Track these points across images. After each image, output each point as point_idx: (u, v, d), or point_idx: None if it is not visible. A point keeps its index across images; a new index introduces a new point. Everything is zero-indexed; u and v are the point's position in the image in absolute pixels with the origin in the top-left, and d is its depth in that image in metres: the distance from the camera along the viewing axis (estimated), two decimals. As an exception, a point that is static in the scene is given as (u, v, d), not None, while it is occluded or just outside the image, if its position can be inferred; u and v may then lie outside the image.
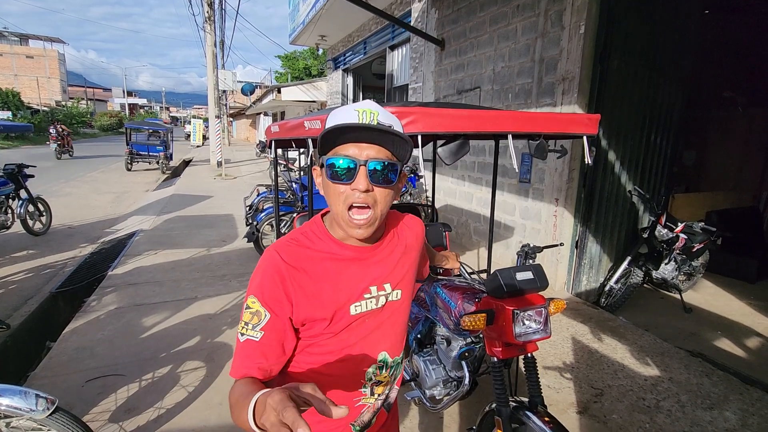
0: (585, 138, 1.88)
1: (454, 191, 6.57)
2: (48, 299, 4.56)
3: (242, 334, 0.86)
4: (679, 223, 4.53)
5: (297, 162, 8.89)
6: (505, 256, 5.38)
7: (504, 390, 1.72)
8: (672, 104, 5.06)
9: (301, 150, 4.38)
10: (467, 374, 2.02)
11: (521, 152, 5.05)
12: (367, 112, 0.83)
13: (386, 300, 0.95)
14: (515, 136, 1.77)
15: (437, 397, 2.20)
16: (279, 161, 10.47)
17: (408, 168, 6.41)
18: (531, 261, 1.98)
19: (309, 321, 0.88)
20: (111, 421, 2.52)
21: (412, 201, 5.96)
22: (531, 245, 1.97)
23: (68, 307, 4.49)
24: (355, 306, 0.90)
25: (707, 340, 3.93)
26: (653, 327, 4.05)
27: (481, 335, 1.95)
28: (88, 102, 54.24)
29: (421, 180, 6.61)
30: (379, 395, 1.01)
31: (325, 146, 0.85)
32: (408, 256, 1.02)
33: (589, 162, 1.94)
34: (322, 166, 0.87)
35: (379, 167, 0.83)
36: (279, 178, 4.70)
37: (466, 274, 1.94)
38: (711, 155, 7.49)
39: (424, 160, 3.83)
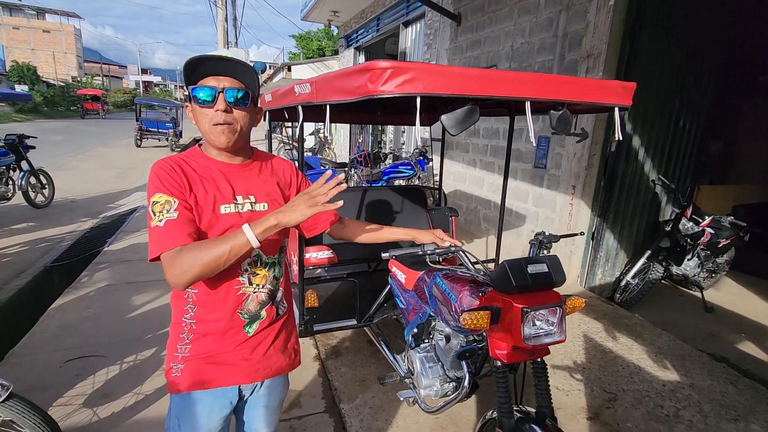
0: (617, 110, 1.60)
1: (464, 176, 6.28)
2: (41, 273, 4.44)
3: (160, 221, 1.04)
4: (706, 217, 4.19)
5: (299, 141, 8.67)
6: (515, 245, 5.11)
7: (508, 398, 1.49)
8: (704, 88, 4.66)
9: (295, 124, 4.13)
10: (467, 375, 1.79)
11: (538, 135, 4.74)
12: (224, 55, 1.15)
13: (251, 208, 1.19)
14: (534, 105, 1.50)
15: (433, 398, 1.98)
16: (284, 140, 10.23)
17: (417, 150, 6.11)
18: (545, 251, 1.73)
19: (193, 210, 1.11)
20: (85, 406, 2.37)
21: (420, 184, 5.69)
22: (546, 233, 1.71)
23: (63, 282, 4.37)
24: (225, 207, 1.15)
25: (730, 343, 3.65)
26: (671, 326, 3.77)
27: (483, 334, 1.72)
28: (104, 78, 54.38)
29: (431, 164, 6.32)
30: (258, 285, 1.22)
31: (190, 79, 1.12)
32: (273, 179, 1.28)
33: (619, 137, 1.65)
34: (190, 99, 1.13)
35: (234, 93, 1.11)
36: (283, 156, 4.46)
37: (469, 264, 1.69)
38: (739, 145, 7.03)
39: (433, 140, 3.55)
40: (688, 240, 4.24)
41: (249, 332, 1.21)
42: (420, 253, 1.57)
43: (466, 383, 1.79)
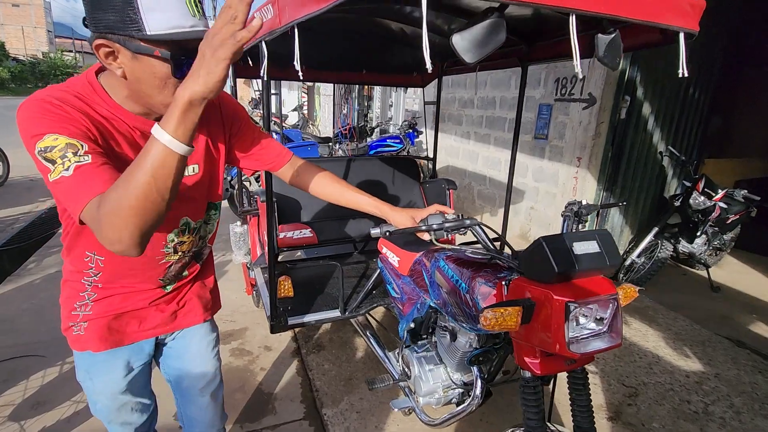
0: (681, 36, 1.20)
1: (457, 150, 5.87)
2: (-14, 258, 3.92)
3: (66, 169, 0.74)
4: (719, 190, 3.88)
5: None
6: (513, 223, 4.76)
7: (540, 419, 1.13)
8: (714, 55, 4.29)
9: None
10: (479, 381, 1.43)
11: (538, 102, 4.34)
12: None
13: None
14: (582, 20, 1.07)
15: (435, 407, 1.62)
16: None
17: (406, 123, 5.66)
18: (581, 226, 1.34)
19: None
20: (11, 419, 1.95)
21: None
22: (583, 202, 1.33)
23: (15, 268, 3.87)
24: None
25: (743, 325, 3.39)
26: (680, 308, 3.50)
27: (503, 334, 1.34)
28: (77, 54, 51.69)
29: (421, 138, 5.88)
30: (184, 253, 1.08)
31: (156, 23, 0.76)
32: (205, 131, 1.03)
33: (685, 73, 1.25)
34: (146, 54, 0.78)
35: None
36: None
37: (487, 241, 1.29)
38: (743, 118, 6.75)
39: (426, 103, 3.12)
40: (699, 216, 3.94)
41: (167, 289, 1.12)
42: (423, 228, 1.17)
43: (477, 391, 1.43)
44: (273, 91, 6.62)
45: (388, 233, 1.16)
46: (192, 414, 1.26)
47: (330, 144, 6.05)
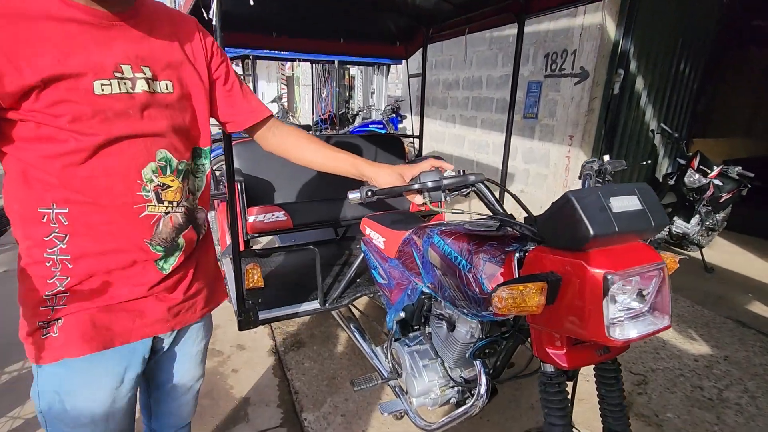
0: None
1: (442, 135, 5.65)
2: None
3: None
4: (715, 167, 3.75)
5: None
6: (502, 208, 4.57)
7: (566, 422, 0.90)
8: (705, 30, 4.16)
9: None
10: (483, 377, 1.20)
11: (527, 80, 4.13)
12: None
13: (148, 87, 0.78)
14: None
15: (431, 408, 1.39)
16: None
17: (389, 107, 5.41)
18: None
19: (25, 92, 0.66)
20: (-70, 443, 1.65)
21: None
22: (606, 158, 1.10)
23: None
24: (102, 84, 0.72)
25: (740, 305, 3.27)
26: (677, 289, 3.36)
27: (513, 320, 1.12)
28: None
29: (405, 123, 5.64)
30: (170, 203, 0.85)
31: None
32: (175, 43, 0.85)
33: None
34: None
35: None
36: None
37: (493, 201, 1.03)
38: (726, 96, 6.69)
39: (410, 76, 2.87)
40: (693, 194, 3.81)
41: (165, 269, 0.87)
42: (416, 186, 0.92)
43: (483, 389, 1.20)
44: (247, 72, 6.27)
45: (369, 193, 0.91)
46: (169, 409, 1.10)
47: (310, 132, 5.76)
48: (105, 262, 0.80)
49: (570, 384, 0.99)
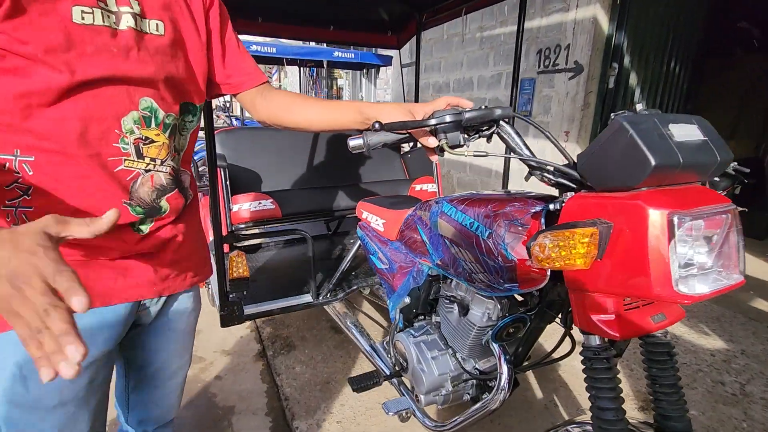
0: None
1: (434, 138, 5.57)
2: None
3: None
4: (711, 162, 3.70)
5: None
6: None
7: (617, 407, 0.75)
8: (693, 26, 4.17)
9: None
10: (505, 368, 1.04)
11: (520, 78, 4.06)
12: None
13: (135, 24, 0.66)
14: None
15: (441, 406, 1.22)
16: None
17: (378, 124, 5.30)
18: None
19: None
20: None
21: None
22: (641, 107, 0.97)
23: None
24: (83, 11, 0.61)
25: (744, 302, 3.17)
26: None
27: (538, 292, 0.96)
28: None
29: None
30: (153, 160, 0.73)
31: None
32: None
33: None
34: None
35: None
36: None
37: (521, 145, 0.88)
38: (713, 96, 6.76)
39: (402, 66, 2.76)
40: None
41: (142, 230, 0.75)
42: (432, 122, 0.78)
43: (504, 379, 1.04)
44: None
45: (377, 125, 0.76)
46: (150, 399, 0.94)
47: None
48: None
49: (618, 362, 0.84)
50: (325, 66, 5.78)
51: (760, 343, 2.34)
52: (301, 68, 8.34)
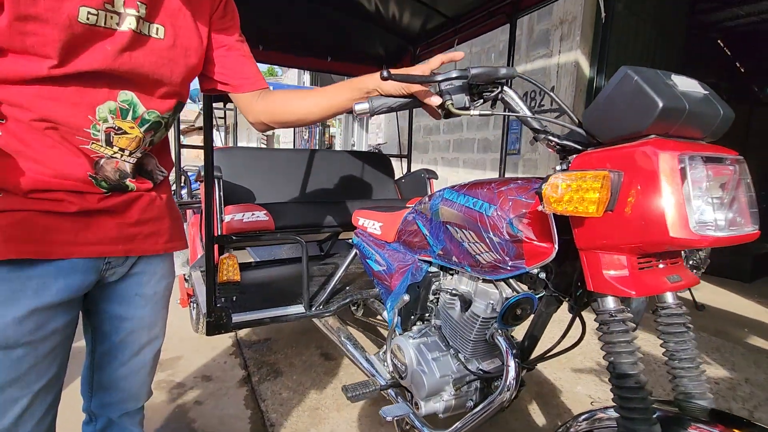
0: None
1: (425, 178, 5.67)
2: None
3: None
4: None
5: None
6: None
7: (637, 367, 0.70)
8: (670, 68, 4.47)
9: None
10: (512, 362, 0.98)
11: (511, 120, 4.24)
12: None
13: (135, 26, 0.68)
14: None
15: (443, 414, 1.13)
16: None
17: (372, 147, 5.44)
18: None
19: None
20: None
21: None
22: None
23: None
24: (89, 12, 0.63)
25: (740, 339, 3.14)
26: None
27: (543, 275, 0.93)
28: None
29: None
30: (121, 150, 0.74)
31: None
32: None
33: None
34: None
35: None
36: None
37: (524, 108, 0.88)
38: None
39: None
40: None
41: (106, 188, 0.73)
42: (439, 78, 0.78)
43: (511, 375, 0.97)
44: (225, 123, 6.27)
45: (386, 74, 0.75)
46: (115, 378, 0.85)
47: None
48: (40, 167, 0.66)
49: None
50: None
51: (763, 372, 2.28)
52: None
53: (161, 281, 0.86)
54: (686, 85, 0.67)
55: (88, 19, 0.63)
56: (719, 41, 6.64)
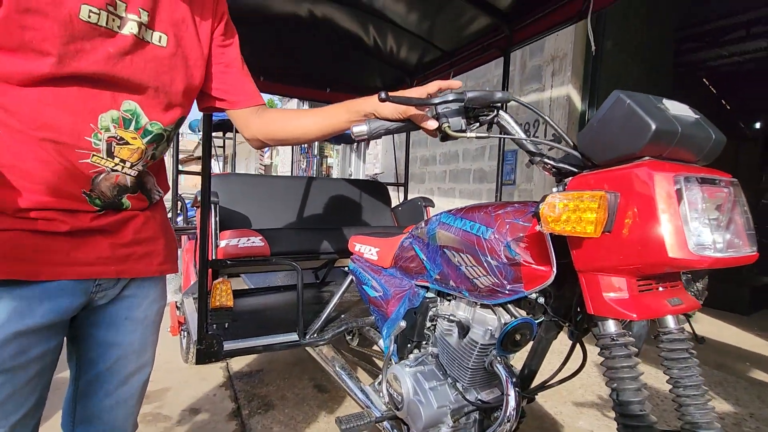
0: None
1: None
2: None
3: None
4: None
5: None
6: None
7: (641, 394, 0.68)
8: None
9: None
10: (512, 391, 0.95)
11: (505, 151, 4.31)
12: None
13: (137, 32, 0.68)
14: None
15: (440, 448, 1.08)
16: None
17: (369, 177, 5.49)
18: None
19: None
20: None
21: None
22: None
23: None
24: (91, 11, 0.62)
25: (743, 372, 3.08)
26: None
27: (543, 299, 0.92)
28: None
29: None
30: (122, 162, 0.72)
31: None
32: (191, 8, 0.77)
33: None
34: None
35: None
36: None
37: (518, 130, 0.89)
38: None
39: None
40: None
41: (99, 206, 0.72)
42: (436, 101, 0.79)
43: (511, 405, 0.94)
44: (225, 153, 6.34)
45: (384, 95, 0.76)
46: (100, 409, 0.80)
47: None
48: (34, 186, 0.65)
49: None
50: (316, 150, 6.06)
51: (766, 406, 2.22)
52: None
53: (153, 305, 0.84)
54: (677, 109, 0.69)
55: (89, 17, 0.63)
56: (704, 79, 6.91)
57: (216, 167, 7.35)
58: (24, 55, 0.60)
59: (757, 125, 7.33)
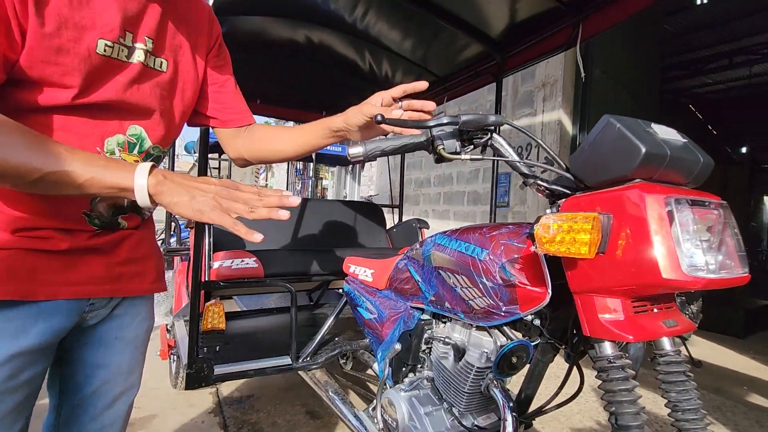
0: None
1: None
2: None
3: None
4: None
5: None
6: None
7: (640, 417, 0.67)
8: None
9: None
10: (509, 416, 0.93)
11: (498, 174, 4.37)
12: None
13: (144, 59, 0.71)
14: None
15: (436, 477, 1.05)
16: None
17: (364, 198, 5.51)
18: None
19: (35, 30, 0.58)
20: None
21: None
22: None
23: None
24: (107, 45, 0.66)
25: (740, 396, 3.06)
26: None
27: (539, 321, 0.91)
28: None
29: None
30: None
31: None
32: (183, 27, 0.79)
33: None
34: None
35: None
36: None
37: (511, 152, 0.90)
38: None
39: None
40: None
41: (97, 225, 0.73)
42: (431, 123, 0.80)
43: (509, 430, 0.92)
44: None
45: (379, 118, 0.77)
46: None
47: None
48: (32, 209, 0.65)
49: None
50: (313, 159, 6.10)
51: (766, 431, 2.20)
52: (289, 165, 8.75)
53: (142, 324, 0.83)
54: (665, 133, 0.71)
55: (105, 51, 0.65)
56: (690, 105, 7.11)
57: (210, 188, 7.27)
58: (45, 88, 0.61)
59: (744, 150, 7.52)
